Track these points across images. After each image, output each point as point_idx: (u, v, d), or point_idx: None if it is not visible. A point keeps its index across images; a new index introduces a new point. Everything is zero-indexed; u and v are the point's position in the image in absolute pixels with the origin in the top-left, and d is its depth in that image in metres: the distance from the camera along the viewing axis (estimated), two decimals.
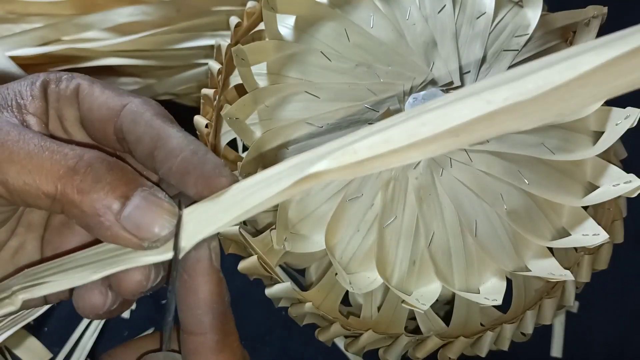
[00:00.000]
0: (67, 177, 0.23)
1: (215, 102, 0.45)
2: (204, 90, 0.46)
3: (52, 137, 0.26)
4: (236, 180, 0.24)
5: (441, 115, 0.21)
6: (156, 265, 0.25)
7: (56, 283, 0.24)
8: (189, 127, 0.48)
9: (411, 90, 0.41)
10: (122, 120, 0.26)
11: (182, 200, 0.25)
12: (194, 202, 0.24)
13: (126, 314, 0.53)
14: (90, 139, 0.28)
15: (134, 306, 0.54)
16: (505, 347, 0.43)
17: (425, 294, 0.40)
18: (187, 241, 0.24)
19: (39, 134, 0.24)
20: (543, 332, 0.50)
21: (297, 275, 0.48)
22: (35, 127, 0.27)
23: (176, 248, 0.24)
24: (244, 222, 0.43)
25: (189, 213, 0.24)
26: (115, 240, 0.23)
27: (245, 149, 0.48)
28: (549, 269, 0.40)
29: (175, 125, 0.26)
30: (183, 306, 0.25)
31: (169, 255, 0.24)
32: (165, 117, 0.26)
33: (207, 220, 0.24)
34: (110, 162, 0.24)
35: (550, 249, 0.41)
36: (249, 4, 0.46)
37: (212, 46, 0.53)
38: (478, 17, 0.43)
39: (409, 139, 0.21)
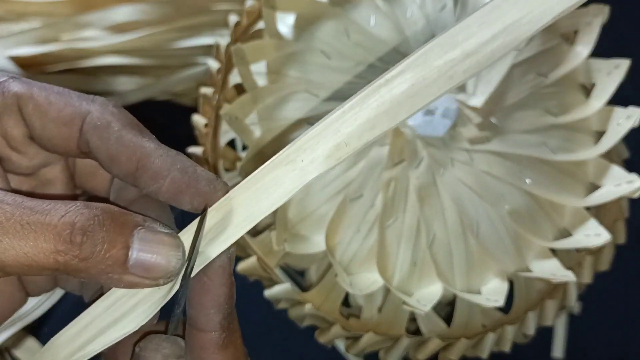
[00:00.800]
0: (65, 250, 0.22)
1: (215, 101, 0.45)
2: (203, 90, 0.46)
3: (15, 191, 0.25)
4: (227, 190, 0.25)
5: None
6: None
7: (98, 346, 0.24)
8: (188, 127, 0.48)
9: None
10: (86, 137, 0.25)
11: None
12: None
13: None
14: (45, 150, 0.26)
15: None
16: (506, 348, 0.43)
17: (426, 295, 0.40)
18: (211, 248, 0.24)
19: (12, 197, 0.23)
20: (544, 334, 0.50)
21: (297, 276, 0.48)
22: None
23: (194, 246, 0.24)
24: None
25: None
26: (130, 287, 0.24)
27: (244, 148, 0.48)
28: (551, 269, 0.40)
29: (148, 136, 0.25)
30: (197, 304, 0.25)
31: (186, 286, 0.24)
32: (134, 127, 0.25)
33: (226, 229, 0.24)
34: (101, 216, 0.22)
35: (552, 250, 0.41)
36: (249, 3, 0.46)
37: (211, 45, 0.53)
38: None
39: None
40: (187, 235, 0.25)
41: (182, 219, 0.26)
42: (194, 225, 0.25)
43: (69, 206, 0.22)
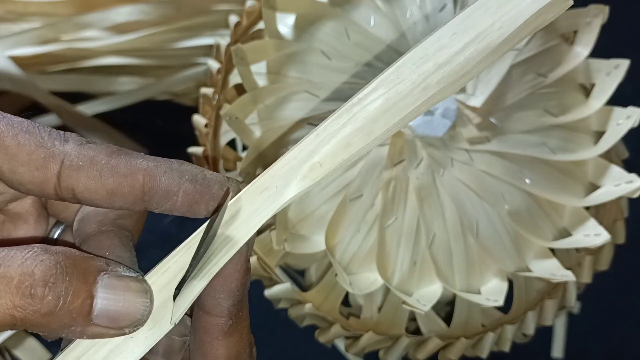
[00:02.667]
0: (24, 305, 0.20)
1: (215, 101, 0.45)
2: (203, 90, 0.46)
3: None
4: (239, 189, 0.24)
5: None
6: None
7: None
8: (188, 127, 0.48)
9: None
10: (68, 183, 0.22)
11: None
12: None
13: None
14: (11, 187, 0.24)
15: None
16: (506, 348, 0.43)
17: (426, 294, 0.40)
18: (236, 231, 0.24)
19: None
20: (544, 333, 0.50)
21: (297, 276, 0.48)
22: None
23: (215, 220, 0.23)
24: None
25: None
26: (95, 338, 0.22)
27: (244, 148, 0.48)
28: (550, 269, 0.40)
29: (139, 155, 0.23)
30: (207, 286, 0.24)
31: (162, 330, 0.23)
32: (121, 153, 0.23)
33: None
34: (64, 263, 0.20)
35: (552, 250, 0.41)
36: (249, 3, 0.46)
37: (211, 45, 0.53)
38: None
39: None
40: (159, 274, 0.23)
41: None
42: (167, 261, 0.23)
43: (26, 252, 0.20)
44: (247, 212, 0.24)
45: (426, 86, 0.23)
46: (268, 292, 0.42)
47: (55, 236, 0.27)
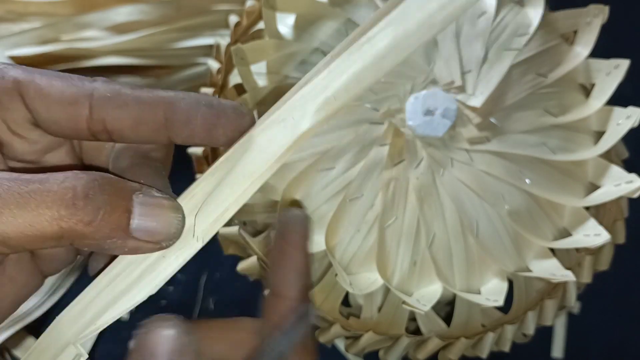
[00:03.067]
0: (68, 215, 0.22)
1: None
2: (203, 90, 0.46)
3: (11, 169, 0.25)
4: (253, 116, 0.25)
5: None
6: None
7: (108, 318, 0.25)
8: None
9: (412, 90, 0.41)
10: (99, 113, 0.24)
11: None
12: None
13: (125, 316, 0.53)
14: (48, 135, 0.26)
15: (133, 308, 0.54)
16: (506, 348, 0.43)
17: (426, 294, 0.40)
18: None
19: (7, 173, 0.22)
20: (544, 333, 0.50)
21: None
22: None
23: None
24: (244, 223, 0.43)
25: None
26: (134, 253, 0.24)
27: None
28: (550, 269, 0.40)
29: (160, 90, 0.25)
30: (278, 269, 0.26)
31: (192, 249, 0.24)
32: (143, 88, 0.25)
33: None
34: (101, 181, 0.22)
35: (552, 250, 0.41)
36: (249, 3, 0.46)
37: (211, 45, 0.53)
38: (479, 17, 0.43)
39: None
40: (187, 199, 0.25)
41: None
42: (193, 188, 0.25)
43: (67, 173, 0.22)
44: (264, 140, 0.25)
45: (431, 25, 0.24)
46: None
47: None
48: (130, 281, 0.24)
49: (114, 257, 0.25)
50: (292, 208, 0.27)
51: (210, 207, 0.25)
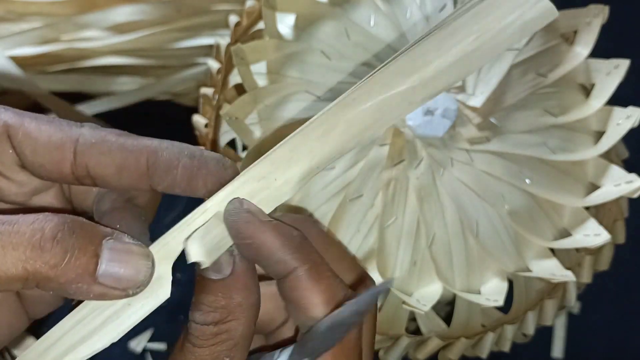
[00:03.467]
0: (34, 257, 0.21)
1: (215, 101, 0.45)
2: (203, 90, 0.46)
3: None
4: (236, 169, 0.25)
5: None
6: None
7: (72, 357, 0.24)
8: (188, 127, 0.48)
9: None
10: (83, 159, 0.25)
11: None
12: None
13: None
14: (35, 177, 0.26)
15: None
16: (506, 348, 0.43)
17: (426, 294, 0.40)
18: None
19: None
20: (544, 333, 0.50)
21: None
22: None
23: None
24: None
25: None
26: (100, 299, 0.23)
27: (244, 148, 0.48)
28: (551, 269, 0.40)
29: (144, 138, 0.25)
30: (261, 261, 0.25)
31: (159, 299, 0.24)
32: (129, 135, 0.25)
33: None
34: (71, 224, 0.22)
35: (552, 250, 0.41)
36: (249, 3, 0.46)
37: (211, 45, 0.53)
38: None
39: None
40: (160, 246, 0.25)
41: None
42: (166, 236, 0.25)
43: (38, 215, 0.22)
44: (244, 194, 0.25)
45: (411, 102, 0.25)
46: None
47: None
48: (93, 327, 0.24)
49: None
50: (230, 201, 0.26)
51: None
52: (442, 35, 0.25)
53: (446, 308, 0.44)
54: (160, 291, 0.24)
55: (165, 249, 0.24)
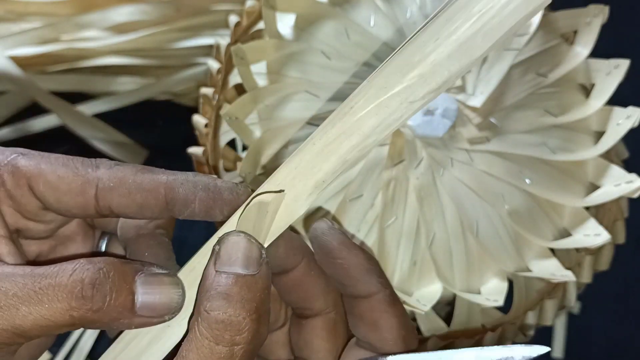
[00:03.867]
0: (79, 306, 0.24)
1: (215, 101, 0.45)
2: (203, 90, 0.46)
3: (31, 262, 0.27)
4: (249, 192, 0.27)
5: None
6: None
7: None
8: (188, 127, 0.48)
9: None
10: (105, 202, 0.26)
11: None
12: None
13: None
14: (64, 217, 0.28)
15: None
16: None
17: (426, 294, 0.40)
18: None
19: (22, 269, 0.24)
20: (544, 333, 0.50)
21: None
22: (5, 249, 0.26)
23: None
24: None
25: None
26: (140, 327, 0.26)
27: (244, 148, 0.48)
28: (551, 269, 0.40)
29: (158, 171, 0.27)
30: (346, 277, 0.27)
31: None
32: (144, 170, 0.27)
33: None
34: (105, 268, 0.24)
35: (552, 250, 0.41)
36: (249, 3, 0.46)
37: (211, 45, 0.53)
38: None
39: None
40: (187, 272, 0.26)
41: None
42: (193, 261, 0.27)
43: (75, 265, 0.24)
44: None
45: (412, 101, 0.24)
46: None
47: (103, 248, 0.31)
48: (140, 349, 0.26)
49: None
50: (318, 221, 0.28)
51: None
52: (440, 23, 0.24)
53: (446, 308, 0.44)
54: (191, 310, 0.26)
55: (193, 274, 0.26)
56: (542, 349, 0.29)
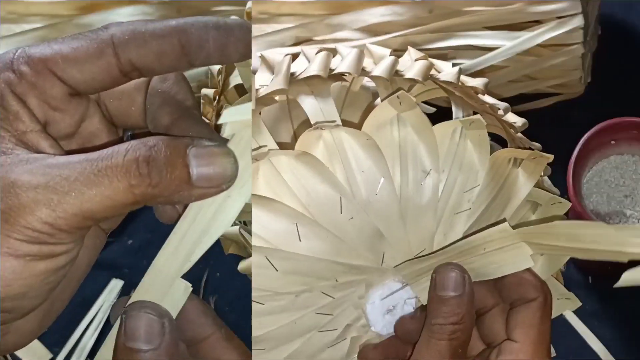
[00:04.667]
0: (139, 182, 0.24)
1: (215, 102, 0.45)
2: (204, 90, 0.46)
3: (69, 151, 0.27)
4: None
5: None
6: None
7: (199, 252, 0.28)
8: None
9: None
10: (125, 54, 0.26)
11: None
12: None
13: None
14: (82, 103, 0.28)
15: None
16: None
17: None
18: None
19: (75, 157, 0.25)
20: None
21: None
22: (45, 143, 0.27)
23: None
24: (244, 222, 0.43)
25: None
26: (201, 198, 0.26)
27: None
28: None
29: (168, 20, 0.27)
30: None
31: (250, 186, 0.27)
32: (151, 21, 0.27)
33: None
34: (157, 146, 0.25)
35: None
36: (249, 4, 0.46)
37: None
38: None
39: None
40: (237, 142, 0.27)
41: None
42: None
43: (127, 146, 0.25)
44: None
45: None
46: None
47: None
48: (206, 221, 0.27)
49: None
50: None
51: None
52: None
53: None
54: (248, 179, 0.27)
55: (242, 145, 0.27)
56: None
